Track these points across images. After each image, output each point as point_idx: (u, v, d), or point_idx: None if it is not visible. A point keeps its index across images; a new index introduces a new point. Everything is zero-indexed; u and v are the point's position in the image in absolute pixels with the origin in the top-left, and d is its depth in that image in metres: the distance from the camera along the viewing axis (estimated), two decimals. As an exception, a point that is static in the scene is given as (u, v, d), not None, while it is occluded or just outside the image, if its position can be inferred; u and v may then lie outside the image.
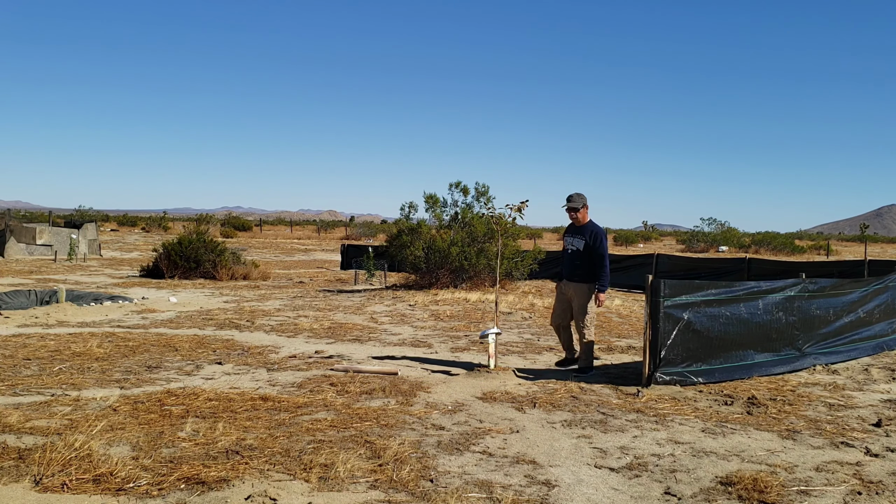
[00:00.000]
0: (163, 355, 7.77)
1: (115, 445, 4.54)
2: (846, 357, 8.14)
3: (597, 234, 7.08)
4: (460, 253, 15.43)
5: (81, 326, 9.72)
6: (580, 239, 7.11)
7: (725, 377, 6.95)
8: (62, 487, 3.83)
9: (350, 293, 15.22)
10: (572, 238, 7.20)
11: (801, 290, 7.84)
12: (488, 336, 7.15)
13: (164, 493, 3.82)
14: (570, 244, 7.21)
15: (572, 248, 7.16)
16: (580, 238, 7.11)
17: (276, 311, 11.94)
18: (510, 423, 5.37)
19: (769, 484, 4.16)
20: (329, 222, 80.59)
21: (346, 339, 9.33)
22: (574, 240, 7.17)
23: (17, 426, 4.89)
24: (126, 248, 31.51)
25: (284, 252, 33.36)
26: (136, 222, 57.40)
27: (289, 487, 3.91)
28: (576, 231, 7.21)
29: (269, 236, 51.74)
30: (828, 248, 43.03)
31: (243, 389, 6.23)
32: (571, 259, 7.16)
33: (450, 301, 13.56)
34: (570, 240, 7.22)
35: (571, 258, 7.16)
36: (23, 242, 23.35)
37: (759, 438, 5.15)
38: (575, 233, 7.21)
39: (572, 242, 7.18)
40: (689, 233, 50.14)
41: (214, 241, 18.71)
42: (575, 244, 7.15)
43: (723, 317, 7.06)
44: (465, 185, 16.75)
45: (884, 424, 5.55)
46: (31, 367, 6.95)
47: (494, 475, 4.25)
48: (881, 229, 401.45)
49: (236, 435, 4.81)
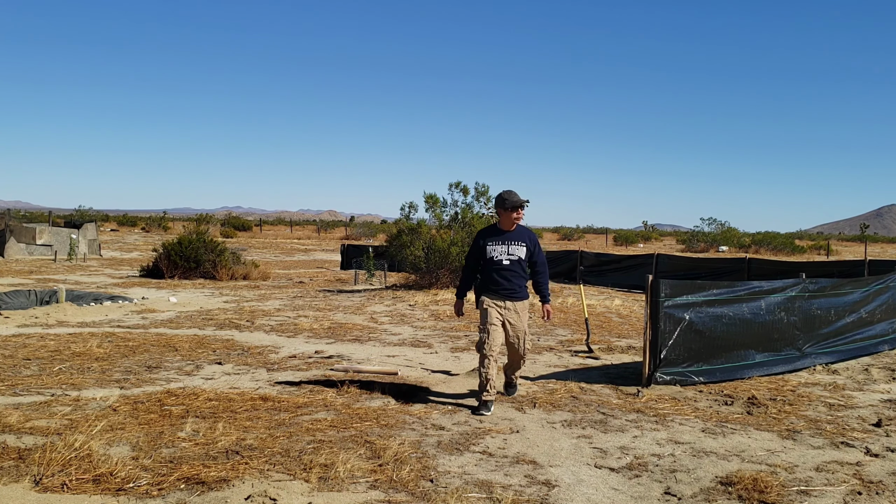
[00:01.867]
0: (163, 355, 7.77)
1: (115, 445, 4.54)
2: (846, 357, 8.14)
3: (536, 239, 6.01)
4: (460, 253, 15.43)
5: (81, 326, 9.71)
6: (520, 245, 5.83)
7: (726, 377, 6.95)
8: (62, 487, 3.83)
9: (350, 293, 15.22)
10: (508, 245, 5.83)
11: (801, 290, 7.85)
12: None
13: (164, 493, 3.82)
14: (504, 253, 5.81)
15: (510, 257, 5.80)
16: (520, 244, 5.84)
17: (276, 311, 11.94)
18: (510, 423, 5.37)
19: (769, 484, 4.16)
20: (329, 222, 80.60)
21: (346, 339, 9.33)
22: (512, 247, 5.82)
23: (17, 426, 4.89)
24: (126, 248, 31.50)
25: (284, 252, 33.36)
26: (136, 222, 57.39)
27: (289, 487, 3.91)
28: (513, 236, 5.86)
29: (269, 236, 51.74)
30: (828, 248, 43.03)
31: (243, 389, 6.23)
32: (511, 271, 5.81)
33: (450, 301, 13.56)
34: (502, 248, 5.82)
35: (511, 270, 5.80)
36: (23, 242, 23.34)
37: (759, 438, 5.15)
38: (512, 238, 5.85)
39: (509, 251, 5.81)
40: (689, 233, 50.14)
41: (214, 241, 18.70)
42: (514, 252, 5.81)
43: (725, 317, 7.06)
44: (465, 185, 16.75)
45: (884, 424, 5.55)
46: (31, 367, 6.95)
47: (494, 475, 4.25)
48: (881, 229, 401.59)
49: (236, 435, 4.81)
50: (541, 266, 5.94)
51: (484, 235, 5.90)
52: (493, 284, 5.77)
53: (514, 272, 5.79)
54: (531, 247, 5.88)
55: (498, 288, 5.76)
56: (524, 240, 5.86)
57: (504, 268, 5.76)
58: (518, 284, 5.80)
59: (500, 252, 5.79)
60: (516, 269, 5.79)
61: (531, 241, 5.89)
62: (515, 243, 5.83)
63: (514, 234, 5.86)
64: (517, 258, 5.80)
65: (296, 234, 56.82)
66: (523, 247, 5.83)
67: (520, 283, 5.81)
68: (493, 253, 5.79)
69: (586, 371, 7.55)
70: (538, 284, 5.98)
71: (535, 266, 5.92)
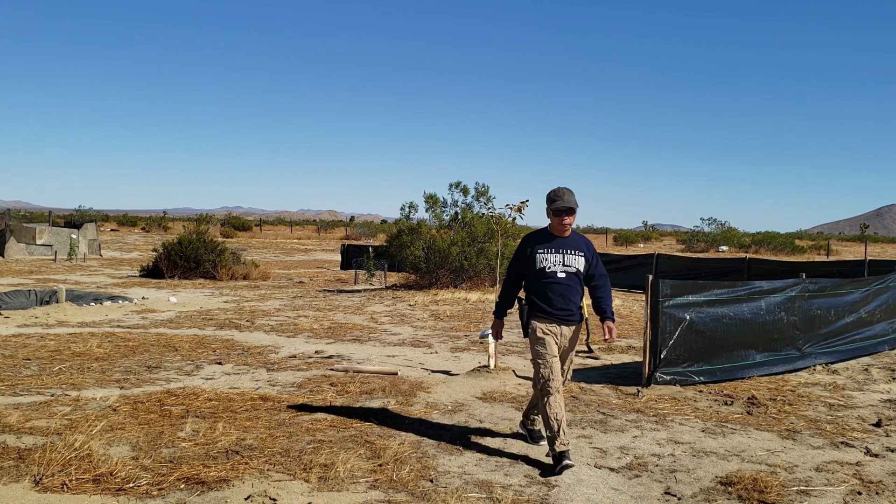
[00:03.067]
0: (163, 355, 7.77)
1: (115, 445, 4.54)
2: (846, 357, 8.14)
3: (593, 247, 4.86)
4: (460, 253, 15.43)
5: (81, 326, 9.71)
6: (578, 255, 4.64)
7: (726, 377, 6.95)
8: (62, 487, 3.83)
9: (350, 293, 15.22)
10: (564, 253, 4.62)
11: (801, 290, 7.85)
12: (488, 336, 7.15)
13: (164, 493, 3.82)
14: (559, 264, 4.60)
15: (567, 269, 4.60)
16: (577, 254, 4.65)
17: (276, 311, 11.94)
18: (510, 423, 5.36)
19: (769, 484, 4.16)
20: (329, 222, 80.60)
21: (346, 339, 9.33)
22: (569, 256, 4.62)
23: (17, 426, 4.89)
24: (126, 248, 31.50)
25: (284, 252, 33.36)
26: (136, 222, 57.38)
27: (289, 487, 3.91)
28: (568, 243, 4.67)
29: (268, 236, 51.74)
30: (828, 248, 43.03)
31: (243, 389, 6.23)
32: (568, 287, 4.61)
33: (450, 301, 13.56)
34: (556, 257, 4.61)
35: (567, 286, 4.61)
36: (23, 242, 23.35)
37: (759, 438, 5.15)
38: (567, 246, 4.66)
39: (565, 261, 4.61)
40: (689, 233, 50.15)
41: (214, 241, 18.71)
42: (572, 263, 4.62)
43: (725, 317, 7.06)
44: (465, 185, 16.77)
45: (884, 424, 5.55)
46: (31, 367, 6.95)
47: (494, 475, 4.25)
48: (881, 229, 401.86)
49: (236, 435, 4.81)
50: (601, 279, 4.78)
51: (532, 241, 4.67)
52: (544, 303, 4.56)
53: (571, 288, 4.58)
54: (590, 257, 4.70)
55: (552, 309, 4.55)
56: (581, 248, 4.66)
57: (559, 282, 4.55)
58: (575, 304, 4.62)
59: (553, 262, 4.57)
60: (574, 284, 4.59)
61: (589, 249, 4.72)
62: (572, 252, 4.61)
63: (569, 240, 4.65)
64: (574, 270, 4.58)
65: (296, 234, 56.83)
66: (581, 257, 4.62)
67: (577, 302, 4.63)
68: (546, 263, 4.56)
69: (586, 371, 7.55)
70: (599, 300, 4.75)
71: (594, 279, 4.75)
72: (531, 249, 4.63)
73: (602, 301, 4.75)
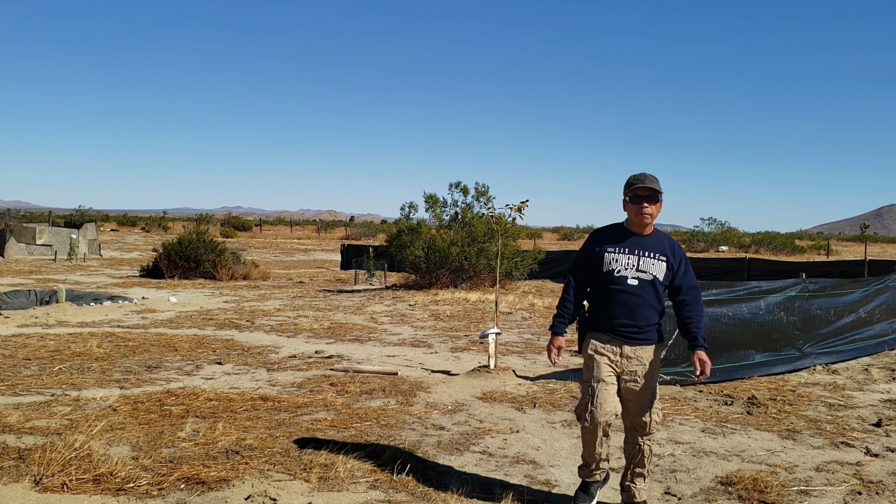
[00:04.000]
0: (163, 355, 7.77)
1: (115, 445, 4.54)
2: (846, 357, 8.14)
3: (683, 253, 3.87)
4: (460, 253, 15.43)
5: (81, 326, 9.71)
6: (658, 259, 3.72)
7: (726, 377, 6.95)
8: (62, 487, 3.83)
9: (350, 293, 15.22)
10: (640, 255, 3.72)
11: (801, 290, 7.85)
12: (488, 336, 7.15)
13: (164, 493, 3.82)
14: (632, 268, 3.71)
15: (641, 275, 3.70)
16: (657, 257, 3.72)
17: (276, 311, 11.94)
18: (510, 423, 5.36)
19: (769, 484, 4.16)
20: (329, 222, 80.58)
21: (346, 339, 9.33)
22: (645, 259, 3.72)
23: (17, 426, 4.89)
24: (126, 248, 31.50)
25: (284, 252, 33.35)
26: (136, 222, 57.38)
27: (289, 487, 3.91)
28: (647, 243, 3.75)
29: (268, 236, 51.73)
30: (828, 248, 43.03)
31: (243, 389, 6.23)
32: (640, 297, 3.70)
33: (450, 301, 13.56)
34: (629, 259, 3.72)
35: (639, 297, 3.70)
36: (23, 242, 23.35)
37: (759, 438, 5.15)
38: (645, 247, 3.74)
39: (640, 264, 3.71)
40: (689, 233, 50.16)
41: (214, 241, 18.71)
42: (648, 269, 3.70)
43: (725, 317, 7.06)
44: (465, 185, 16.76)
45: (884, 424, 5.55)
46: (31, 367, 6.95)
47: (494, 475, 4.25)
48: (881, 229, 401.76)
49: (236, 435, 4.81)
50: (691, 293, 3.78)
51: (601, 237, 3.80)
52: (607, 316, 3.71)
53: (644, 300, 3.67)
54: (675, 263, 3.74)
55: (615, 323, 3.68)
56: (664, 251, 3.72)
57: (629, 290, 3.65)
58: (647, 319, 3.69)
59: (624, 264, 3.68)
60: (647, 294, 3.67)
61: (675, 254, 3.76)
62: (650, 255, 3.69)
63: (649, 240, 3.73)
64: (651, 278, 3.66)
65: (296, 234, 56.82)
66: (662, 262, 3.69)
67: (650, 317, 3.70)
68: (615, 265, 3.68)
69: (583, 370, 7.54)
70: (687, 321, 3.75)
71: (681, 292, 3.77)
72: (600, 248, 3.74)
73: (691, 322, 3.72)
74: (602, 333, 3.74)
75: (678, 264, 3.76)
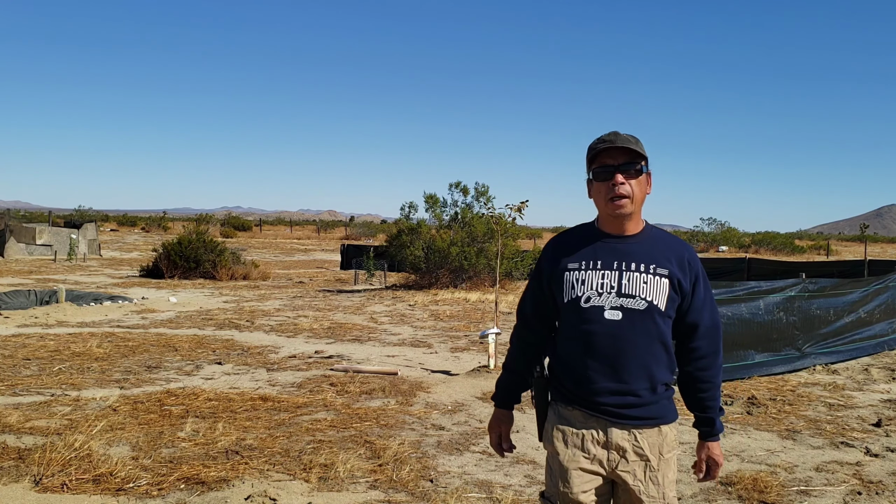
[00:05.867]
0: (163, 355, 7.77)
1: (115, 445, 4.54)
2: (846, 357, 8.14)
3: (698, 265, 2.27)
4: (460, 253, 15.43)
5: (81, 326, 9.71)
6: (654, 274, 2.18)
7: (725, 377, 6.95)
8: (62, 487, 3.83)
9: (350, 293, 15.22)
10: (621, 270, 2.19)
11: (801, 291, 7.85)
12: (488, 336, 7.16)
13: (163, 493, 3.82)
14: (610, 291, 2.17)
15: (626, 304, 2.16)
16: (654, 270, 2.18)
17: (275, 311, 11.94)
18: (510, 423, 5.37)
19: (769, 484, 4.16)
20: (329, 222, 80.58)
21: (345, 339, 9.33)
22: (631, 275, 2.18)
23: (17, 426, 4.89)
24: (126, 248, 31.50)
25: (284, 252, 33.35)
26: (136, 222, 57.37)
27: (289, 487, 3.91)
28: (631, 251, 2.21)
29: (268, 236, 51.73)
30: (828, 248, 43.03)
31: (243, 389, 6.23)
32: (627, 341, 2.15)
33: (450, 301, 13.56)
34: (607, 277, 2.19)
35: (626, 339, 2.15)
36: (23, 242, 23.35)
37: (758, 438, 5.15)
38: (629, 256, 2.20)
39: (622, 284, 2.17)
40: (689, 233, 50.18)
41: (214, 241, 18.71)
42: (636, 291, 2.17)
43: (724, 317, 7.06)
44: (464, 185, 16.77)
45: (884, 424, 5.55)
46: (31, 367, 6.95)
47: (494, 475, 4.25)
48: (881, 229, 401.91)
49: (236, 435, 4.81)
50: (708, 336, 2.26)
51: (558, 248, 2.32)
52: (576, 377, 2.21)
53: (636, 344, 2.16)
54: (686, 281, 2.22)
55: (591, 389, 2.19)
56: (666, 260, 2.21)
57: (608, 330, 2.16)
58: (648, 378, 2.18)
59: (597, 287, 2.19)
60: (641, 335, 2.16)
61: (688, 267, 2.24)
62: (642, 268, 2.19)
63: (635, 243, 2.23)
64: (644, 306, 2.16)
65: (296, 235, 56.82)
66: (663, 279, 2.18)
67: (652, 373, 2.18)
68: (581, 289, 2.19)
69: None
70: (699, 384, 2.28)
71: (694, 335, 2.26)
72: (557, 265, 2.26)
73: (705, 389, 2.26)
74: (572, 408, 2.23)
75: (692, 284, 2.22)
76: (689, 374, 2.29)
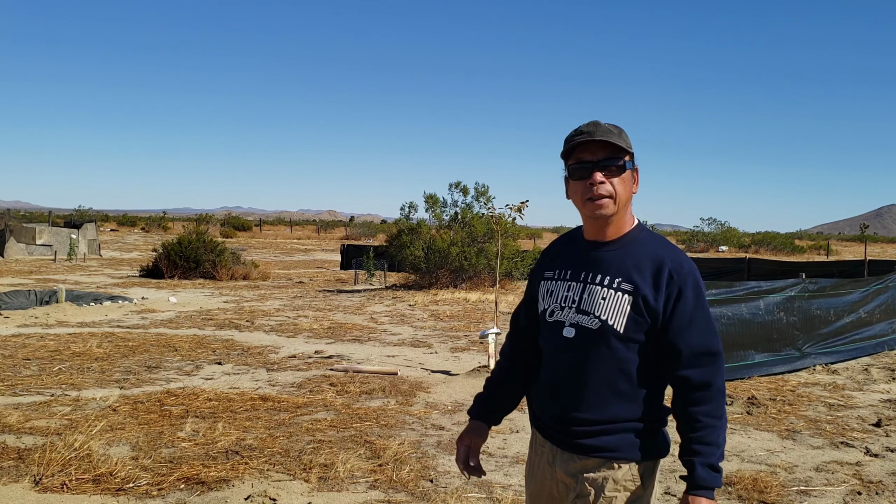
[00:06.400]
0: (162, 355, 7.77)
1: (115, 445, 4.54)
2: (846, 357, 8.14)
3: (685, 276, 1.88)
4: (460, 253, 15.44)
5: (81, 326, 9.71)
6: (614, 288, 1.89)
7: (725, 377, 6.95)
8: (62, 487, 3.83)
9: (350, 293, 15.22)
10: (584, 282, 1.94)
11: (801, 291, 7.85)
12: (488, 336, 7.15)
13: (163, 493, 3.82)
14: (570, 305, 1.94)
15: (582, 319, 1.91)
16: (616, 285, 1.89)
17: (275, 311, 11.94)
18: (510, 422, 5.36)
19: (769, 484, 4.16)
20: (329, 222, 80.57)
21: (345, 339, 9.33)
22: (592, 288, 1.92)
23: (17, 426, 4.89)
24: (126, 248, 31.50)
25: (284, 252, 33.35)
26: (136, 222, 57.37)
27: (289, 487, 3.91)
28: (601, 259, 1.94)
29: (268, 236, 51.73)
30: (828, 248, 43.03)
31: (243, 389, 6.23)
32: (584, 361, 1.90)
33: (450, 301, 13.57)
34: (572, 289, 1.96)
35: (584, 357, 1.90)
36: (22, 242, 23.35)
37: (758, 438, 5.15)
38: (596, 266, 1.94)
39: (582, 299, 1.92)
40: (689, 233, 50.17)
41: (214, 241, 18.71)
42: (592, 307, 1.90)
43: (724, 317, 7.06)
44: (464, 185, 16.78)
45: (884, 424, 5.55)
46: (30, 367, 6.95)
47: (494, 475, 4.25)
48: (881, 229, 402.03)
49: (236, 435, 4.81)
50: (697, 363, 1.90)
51: (545, 256, 2.15)
52: (534, 393, 2.09)
53: (591, 366, 1.89)
54: (656, 298, 1.86)
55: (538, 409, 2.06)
56: (635, 271, 1.89)
57: (561, 346, 1.95)
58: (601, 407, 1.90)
59: (560, 300, 1.97)
60: (597, 358, 1.89)
61: (666, 280, 1.87)
62: (604, 280, 1.91)
63: (611, 252, 1.94)
64: (597, 325, 1.88)
65: (295, 235, 56.82)
66: (625, 294, 1.87)
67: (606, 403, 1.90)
68: (548, 300, 2.01)
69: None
70: (692, 425, 1.87)
71: (678, 362, 1.89)
72: (539, 272, 2.11)
73: (692, 425, 1.88)
74: (534, 429, 2.09)
75: (671, 300, 1.87)
76: (676, 409, 1.91)
